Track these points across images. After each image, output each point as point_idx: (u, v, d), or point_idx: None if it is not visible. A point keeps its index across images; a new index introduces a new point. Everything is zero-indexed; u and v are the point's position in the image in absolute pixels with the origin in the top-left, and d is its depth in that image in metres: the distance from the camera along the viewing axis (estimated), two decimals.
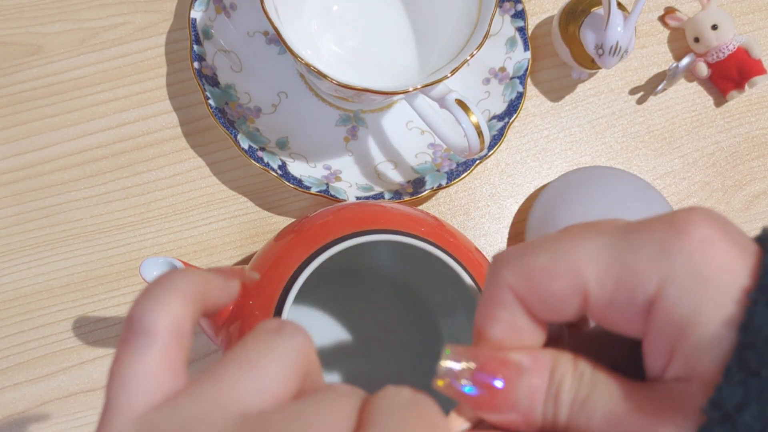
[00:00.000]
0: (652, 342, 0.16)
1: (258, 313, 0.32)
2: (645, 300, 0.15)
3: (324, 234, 0.33)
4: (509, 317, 0.17)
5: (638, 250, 0.15)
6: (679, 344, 0.15)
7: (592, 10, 0.43)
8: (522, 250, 0.17)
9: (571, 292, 0.16)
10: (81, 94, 0.44)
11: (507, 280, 0.17)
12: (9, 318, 0.42)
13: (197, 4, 0.42)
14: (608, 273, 0.16)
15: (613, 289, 0.16)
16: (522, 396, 0.17)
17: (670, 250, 0.15)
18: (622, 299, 0.16)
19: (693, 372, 0.15)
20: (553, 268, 0.16)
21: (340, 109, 0.45)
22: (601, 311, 0.16)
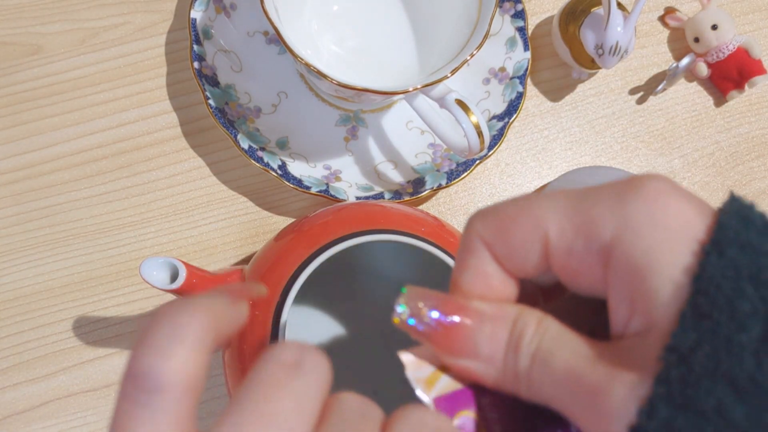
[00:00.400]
0: (613, 294, 0.16)
1: (258, 313, 0.32)
2: (602, 246, 0.16)
3: (324, 234, 0.33)
4: (478, 264, 0.18)
5: (596, 201, 0.16)
6: (637, 293, 0.15)
7: (592, 10, 0.43)
8: (493, 205, 0.18)
9: (533, 238, 0.17)
10: (81, 94, 0.44)
11: (477, 229, 0.18)
12: (9, 318, 0.42)
13: (197, 4, 0.42)
14: (568, 221, 0.16)
15: (572, 236, 0.16)
16: (482, 342, 0.17)
17: (626, 199, 0.16)
18: (580, 246, 0.16)
19: (651, 323, 0.15)
20: (518, 217, 0.17)
21: (340, 109, 0.45)
22: (562, 259, 0.17)
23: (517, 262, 0.17)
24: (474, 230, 0.18)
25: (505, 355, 0.17)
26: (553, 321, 0.17)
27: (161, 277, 0.31)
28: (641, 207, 0.15)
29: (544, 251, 0.17)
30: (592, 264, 0.16)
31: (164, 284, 0.31)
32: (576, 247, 0.16)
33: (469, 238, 0.18)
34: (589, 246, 0.16)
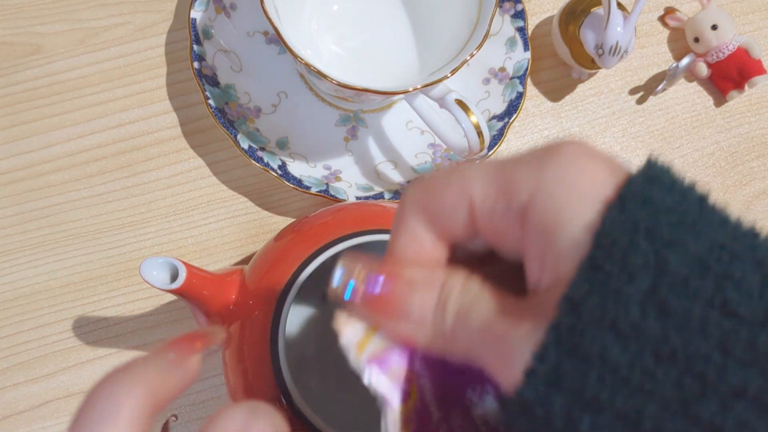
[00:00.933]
0: (527, 254, 0.17)
1: (258, 313, 0.32)
2: (519, 207, 0.17)
3: (324, 234, 0.33)
4: (412, 229, 0.19)
5: (517, 165, 0.17)
6: (547, 250, 0.16)
7: (592, 10, 0.43)
8: (426, 175, 0.19)
9: (459, 201, 0.18)
10: (81, 94, 0.44)
11: (410, 196, 0.19)
12: (9, 318, 0.42)
13: (197, 4, 0.42)
14: (490, 184, 0.17)
15: (493, 198, 0.17)
16: (414, 306, 0.18)
17: (544, 162, 0.16)
18: (500, 208, 0.17)
19: (558, 277, 0.16)
20: (446, 183, 0.18)
21: (340, 109, 0.45)
22: (486, 222, 0.18)
23: (446, 226, 0.18)
24: (408, 198, 0.19)
25: (434, 316, 0.18)
26: (475, 281, 0.18)
27: (161, 277, 0.31)
28: (556, 169, 0.16)
29: (470, 215, 0.18)
30: (512, 225, 0.17)
31: (164, 284, 0.31)
32: (497, 209, 0.17)
33: (404, 206, 0.19)
34: (508, 207, 0.17)
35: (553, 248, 0.16)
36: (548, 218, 0.16)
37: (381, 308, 0.18)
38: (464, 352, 0.18)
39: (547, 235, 0.16)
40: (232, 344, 0.33)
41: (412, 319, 0.18)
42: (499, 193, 0.17)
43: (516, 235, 0.17)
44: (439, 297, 0.18)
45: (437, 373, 0.19)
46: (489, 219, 0.17)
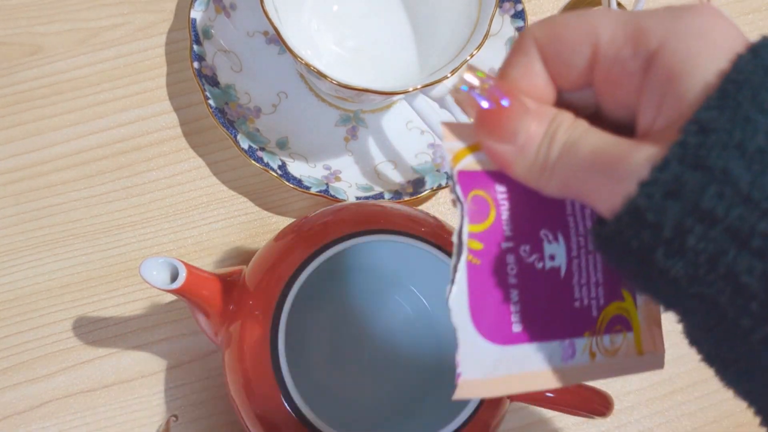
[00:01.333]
0: (645, 98, 0.17)
1: (258, 313, 0.32)
2: (648, 51, 0.17)
3: (324, 234, 0.33)
4: (528, 62, 0.19)
5: (649, 15, 0.17)
6: (670, 93, 0.17)
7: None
8: (550, 16, 0.19)
9: (585, 41, 0.18)
10: (81, 94, 0.44)
11: (532, 32, 0.19)
12: (9, 318, 0.42)
13: (197, 4, 0.42)
14: (620, 29, 0.18)
15: (621, 42, 0.17)
16: (522, 130, 0.18)
17: (678, 14, 0.17)
18: (627, 52, 0.17)
19: (682, 114, 0.16)
20: (573, 23, 0.18)
21: (340, 109, 0.45)
22: (607, 66, 0.18)
23: (565, 65, 0.19)
24: (529, 32, 0.19)
25: (539, 147, 0.18)
26: (584, 120, 0.18)
27: (161, 277, 0.31)
28: (690, 20, 0.17)
29: (592, 57, 0.18)
30: (634, 71, 0.18)
31: (164, 284, 0.31)
32: (623, 53, 0.18)
33: (523, 39, 0.19)
34: (635, 52, 0.17)
35: (678, 91, 0.16)
36: (678, 64, 0.16)
37: (491, 122, 0.19)
38: (564, 183, 0.18)
39: (674, 79, 0.17)
40: (231, 344, 0.33)
41: (516, 143, 0.18)
42: (627, 39, 0.17)
43: (633, 84, 0.18)
44: (546, 129, 0.18)
45: (517, 206, 0.20)
46: (611, 64, 0.18)
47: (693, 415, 0.44)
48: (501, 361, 0.19)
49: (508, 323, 0.19)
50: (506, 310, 0.19)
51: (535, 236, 0.20)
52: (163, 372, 0.42)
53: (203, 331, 0.35)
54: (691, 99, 0.16)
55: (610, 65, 0.18)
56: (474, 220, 0.19)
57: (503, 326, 0.19)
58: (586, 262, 0.21)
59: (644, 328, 0.23)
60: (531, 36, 0.19)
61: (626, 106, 0.18)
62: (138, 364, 0.42)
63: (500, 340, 0.19)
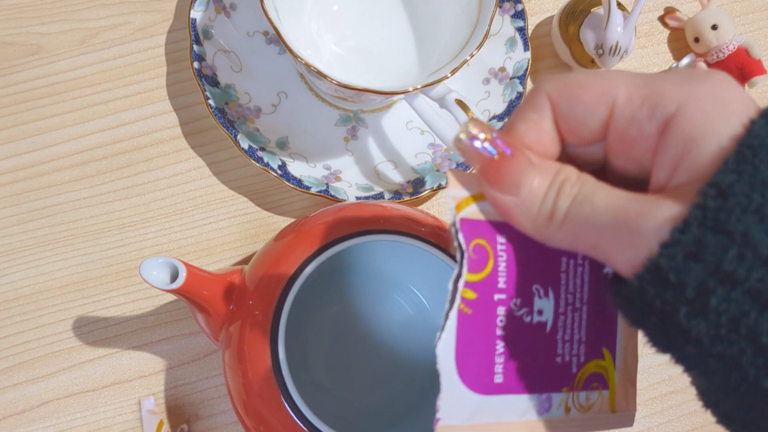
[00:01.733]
0: (661, 155, 0.18)
1: (258, 313, 0.32)
2: (665, 116, 0.18)
3: (324, 234, 0.33)
4: (537, 118, 0.19)
5: (665, 79, 0.18)
6: (686, 155, 0.17)
7: (592, 10, 0.43)
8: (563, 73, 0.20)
9: (601, 101, 0.19)
10: (81, 94, 0.44)
11: (546, 86, 0.19)
12: (9, 318, 0.42)
13: (197, 4, 0.42)
14: (637, 91, 0.18)
15: (638, 104, 0.18)
16: (525, 183, 0.19)
17: (694, 80, 0.18)
18: (644, 114, 0.18)
19: (698, 175, 0.17)
20: (589, 82, 0.19)
21: (340, 109, 0.45)
22: (622, 126, 0.19)
23: (579, 124, 0.19)
24: (543, 87, 0.20)
25: (544, 199, 0.19)
26: (590, 176, 0.19)
27: (161, 277, 0.31)
28: (706, 86, 0.18)
29: (607, 117, 0.19)
30: (650, 132, 0.18)
31: (164, 284, 0.31)
32: (639, 115, 0.18)
33: (536, 94, 0.20)
34: (652, 114, 0.18)
35: (696, 153, 0.17)
36: (695, 128, 0.17)
37: (494, 173, 0.19)
38: (574, 237, 0.18)
39: (691, 142, 0.17)
40: (231, 344, 0.33)
41: (519, 194, 0.19)
42: (644, 101, 0.18)
43: (648, 143, 0.18)
44: (551, 182, 0.19)
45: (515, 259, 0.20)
46: (627, 124, 0.18)
47: (693, 415, 0.44)
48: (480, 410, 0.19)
49: (491, 374, 0.19)
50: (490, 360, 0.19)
51: (528, 290, 0.20)
52: (163, 372, 0.42)
53: (203, 331, 0.35)
54: (708, 161, 0.17)
55: (625, 125, 0.18)
56: (472, 269, 0.19)
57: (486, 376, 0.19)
58: (571, 319, 0.21)
59: (620, 388, 0.23)
60: (544, 92, 0.19)
61: (637, 162, 0.19)
62: (138, 364, 0.42)
63: (482, 389, 0.19)
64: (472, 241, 0.19)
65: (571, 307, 0.21)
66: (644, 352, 0.45)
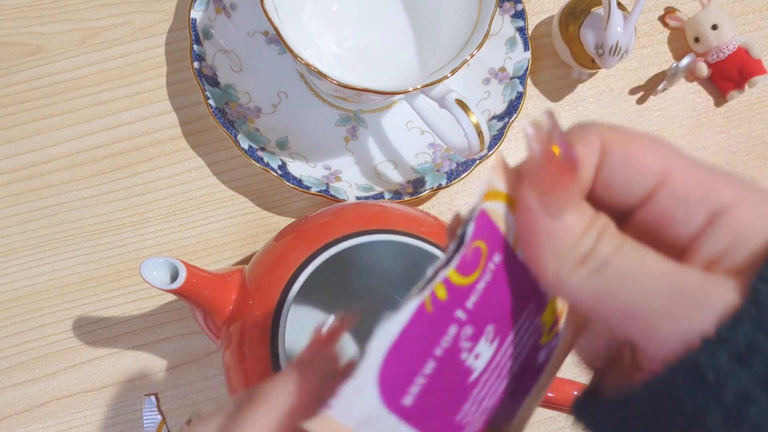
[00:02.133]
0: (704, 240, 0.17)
1: (258, 313, 0.32)
2: (717, 205, 0.17)
3: (324, 234, 0.33)
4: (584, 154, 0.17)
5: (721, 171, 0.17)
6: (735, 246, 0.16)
7: (592, 10, 0.43)
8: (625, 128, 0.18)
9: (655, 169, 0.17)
10: (81, 94, 0.44)
11: (602, 132, 0.18)
12: (9, 318, 0.42)
13: (197, 4, 0.42)
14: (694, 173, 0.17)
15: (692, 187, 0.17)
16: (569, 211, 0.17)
17: (747, 183, 0.17)
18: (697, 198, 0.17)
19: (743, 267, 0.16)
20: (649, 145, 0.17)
21: (340, 109, 0.45)
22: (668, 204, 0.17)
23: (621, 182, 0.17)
24: (596, 130, 0.18)
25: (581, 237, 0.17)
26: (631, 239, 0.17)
27: (161, 277, 0.31)
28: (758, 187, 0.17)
29: (653, 189, 0.17)
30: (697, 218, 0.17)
31: (164, 284, 0.31)
32: (692, 198, 0.17)
33: (587, 132, 0.18)
34: (706, 201, 0.17)
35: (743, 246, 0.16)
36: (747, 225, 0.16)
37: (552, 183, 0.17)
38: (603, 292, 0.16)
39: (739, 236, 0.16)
40: (232, 344, 0.33)
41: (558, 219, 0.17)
42: (699, 187, 0.17)
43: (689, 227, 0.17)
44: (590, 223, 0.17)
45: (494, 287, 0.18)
46: (674, 203, 0.17)
47: None
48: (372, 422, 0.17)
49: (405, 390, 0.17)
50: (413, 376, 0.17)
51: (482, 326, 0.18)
52: (163, 372, 0.42)
53: (203, 331, 0.35)
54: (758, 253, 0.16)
55: (672, 204, 0.17)
56: (460, 269, 0.17)
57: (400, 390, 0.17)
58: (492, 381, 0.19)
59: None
60: (598, 135, 0.18)
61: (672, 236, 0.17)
62: (138, 364, 0.42)
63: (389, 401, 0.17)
64: (475, 241, 0.17)
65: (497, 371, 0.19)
66: None
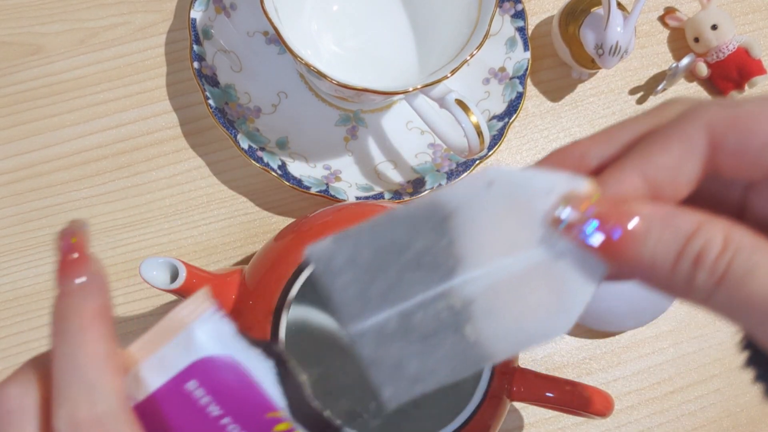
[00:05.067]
0: None
1: (258, 313, 0.32)
2: None
3: (324, 234, 0.33)
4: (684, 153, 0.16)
5: None
6: None
7: (592, 10, 0.43)
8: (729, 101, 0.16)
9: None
10: (81, 94, 0.44)
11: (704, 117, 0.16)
12: (9, 318, 0.42)
13: (197, 4, 0.42)
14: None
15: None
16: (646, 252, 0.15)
17: None
18: None
19: None
20: (764, 112, 0.15)
21: (340, 109, 0.45)
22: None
23: (752, 162, 0.16)
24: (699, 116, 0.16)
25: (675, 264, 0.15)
26: (745, 234, 0.15)
27: (161, 277, 0.31)
28: None
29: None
30: None
31: (164, 284, 0.31)
32: None
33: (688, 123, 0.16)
34: None
35: None
36: None
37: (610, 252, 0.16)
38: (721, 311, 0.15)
39: None
40: None
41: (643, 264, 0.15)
42: None
43: None
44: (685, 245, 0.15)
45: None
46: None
47: (693, 415, 0.44)
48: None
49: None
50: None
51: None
52: None
53: None
54: None
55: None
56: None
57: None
58: None
59: None
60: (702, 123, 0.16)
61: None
62: None
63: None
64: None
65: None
66: (644, 352, 0.45)
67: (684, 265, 0.15)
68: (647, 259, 0.15)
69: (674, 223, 0.15)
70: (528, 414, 0.43)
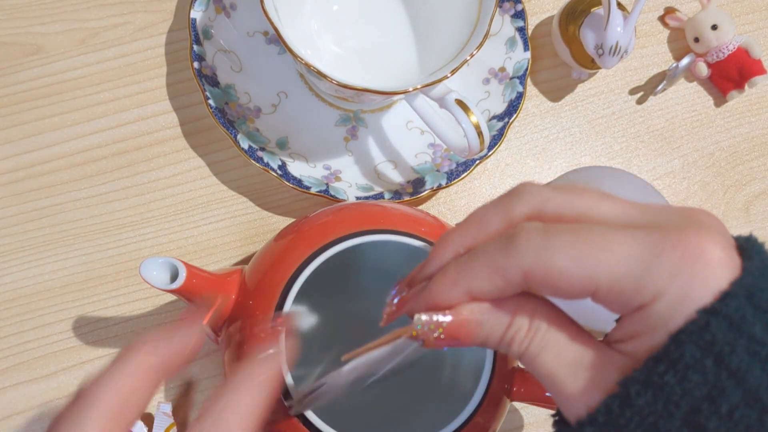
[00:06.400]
0: (627, 325, 0.20)
1: (258, 313, 0.32)
2: (640, 303, 0.19)
3: (324, 234, 0.33)
4: (502, 287, 0.20)
5: (649, 271, 0.19)
6: (649, 334, 0.19)
7: (592, 10, 0.43)
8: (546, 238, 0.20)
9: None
10: (81, 94, 0.44)
11: (524, 265, 0.20)
12: (9, 318, 0.42)
13: (197, 4, 0.42)
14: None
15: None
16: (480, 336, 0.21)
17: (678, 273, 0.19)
18: (623, 300, 0.19)
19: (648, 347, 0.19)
20: (572, 272, 0.19)
21: (340, 109, 0.45)
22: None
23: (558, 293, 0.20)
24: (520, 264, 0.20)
25: (500, 342, 0.21)
26: (542, 321, 0.21)
27: (161, 277, 0.31)
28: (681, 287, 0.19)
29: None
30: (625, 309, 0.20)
31: (164, 284, 0.31)
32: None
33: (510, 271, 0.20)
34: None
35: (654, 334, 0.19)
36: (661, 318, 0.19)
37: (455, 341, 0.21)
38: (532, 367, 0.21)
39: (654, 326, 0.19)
40: (232, 344, 0.33)
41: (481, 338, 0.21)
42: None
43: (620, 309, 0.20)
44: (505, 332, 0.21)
45: None
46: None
47: None
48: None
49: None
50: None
51: None
52: None
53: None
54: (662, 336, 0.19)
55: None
56: None
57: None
58: None
59: None
60: (520, 270, 0.20)
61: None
62: None
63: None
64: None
65: None
66: None
67: (505, 341, 0.21)
68: (482, 340, 0.21)
69: (497, 317, 0.21)
70: (528, 414, 0.43)
